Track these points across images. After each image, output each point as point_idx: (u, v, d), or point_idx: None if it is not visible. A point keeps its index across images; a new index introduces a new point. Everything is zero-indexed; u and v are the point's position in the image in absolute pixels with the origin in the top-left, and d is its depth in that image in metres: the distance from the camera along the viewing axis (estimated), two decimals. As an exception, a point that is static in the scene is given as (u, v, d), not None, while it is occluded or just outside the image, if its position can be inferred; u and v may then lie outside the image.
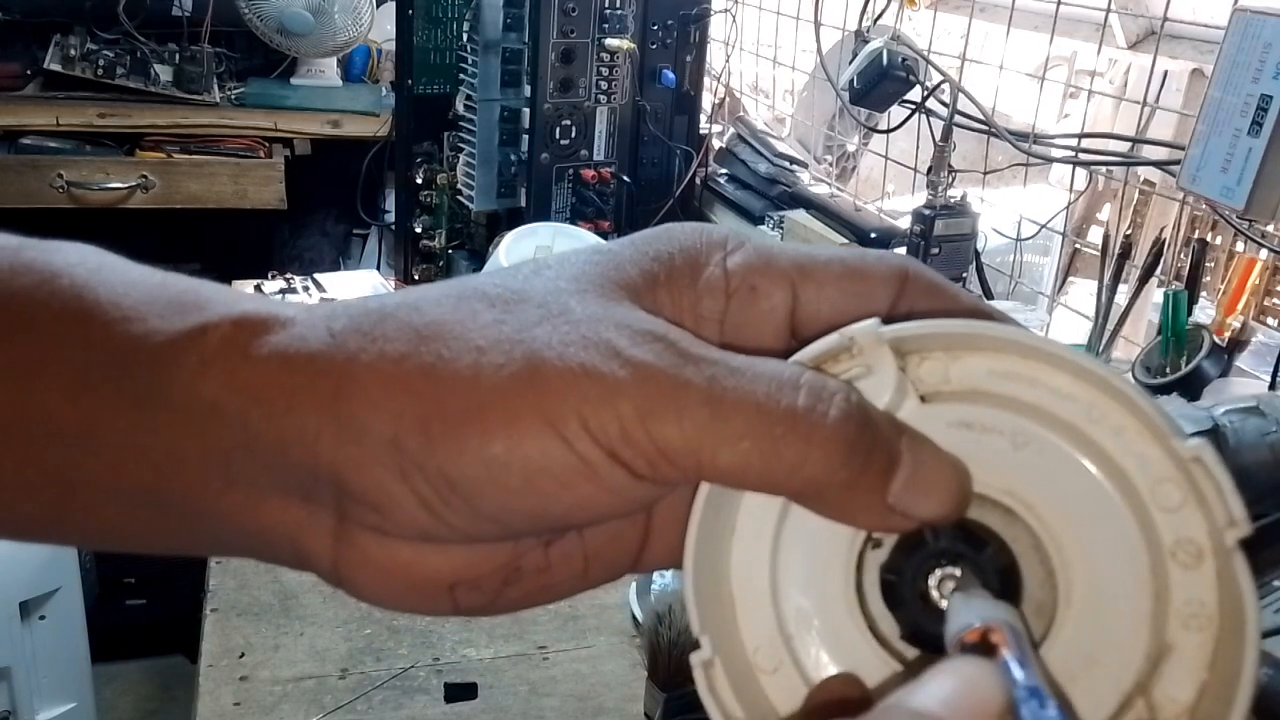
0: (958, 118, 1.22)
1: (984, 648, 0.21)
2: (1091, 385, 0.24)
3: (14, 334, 0.24)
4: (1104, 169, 1.20)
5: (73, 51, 2.11)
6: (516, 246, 1.35)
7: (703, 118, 1.78)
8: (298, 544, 0.25)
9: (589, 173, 1.61)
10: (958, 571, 0.25)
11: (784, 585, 0.26)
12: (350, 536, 0.25)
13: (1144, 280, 1.10)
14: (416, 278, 1.79)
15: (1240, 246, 1.07)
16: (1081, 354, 0.24)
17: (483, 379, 0.23)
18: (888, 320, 0.25)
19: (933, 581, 0.25)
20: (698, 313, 0.25)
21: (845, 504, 0.23)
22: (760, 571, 0.26)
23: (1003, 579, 0.25)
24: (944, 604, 0.25)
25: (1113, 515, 0.24)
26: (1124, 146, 1.15)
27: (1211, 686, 0.23)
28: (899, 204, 1.54)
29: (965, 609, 0.23)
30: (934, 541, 0.25)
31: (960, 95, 1.21)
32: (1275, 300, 1.15)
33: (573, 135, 1.59)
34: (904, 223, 1.34)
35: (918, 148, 1.39)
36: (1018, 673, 0.20)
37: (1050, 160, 1.21)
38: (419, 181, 1.76)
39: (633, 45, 1.58)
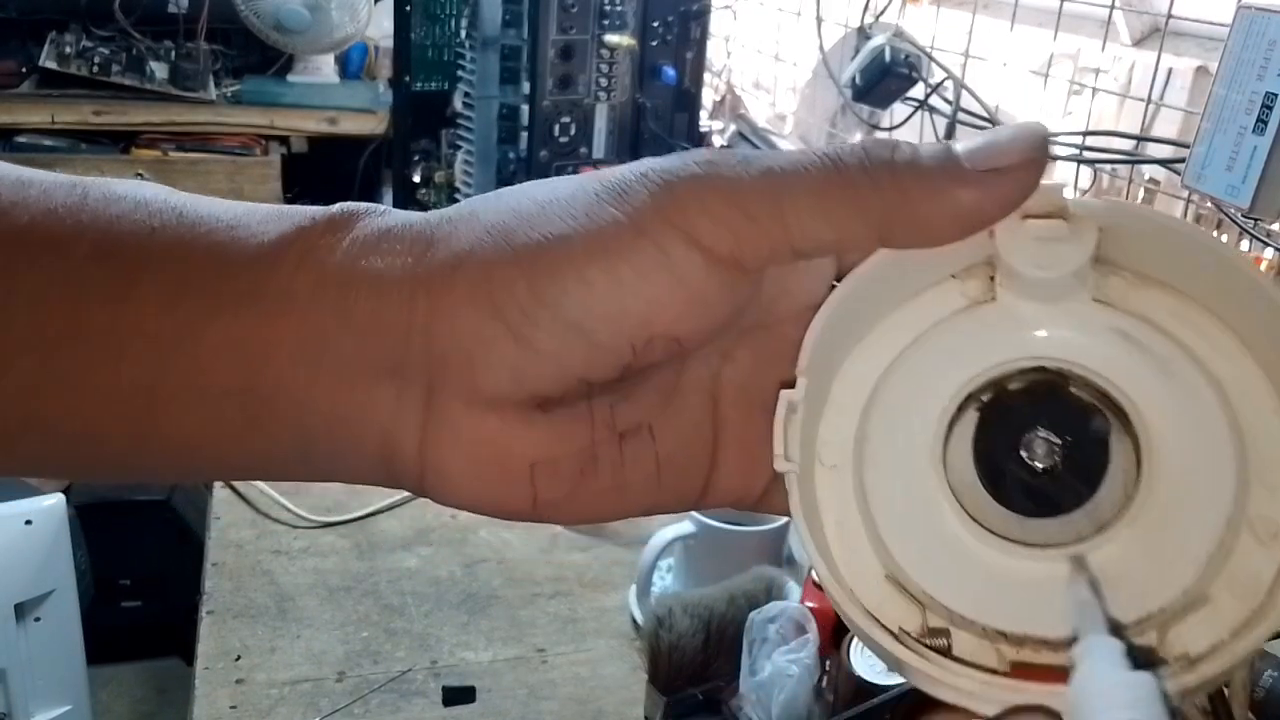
0: (961, 115, 1.21)
1: None
2: (1258, 364, 0.25)
3: (111, 253, 0.25)
4: (1108, 167, 1.19)
5: (68, 49, 2.10)
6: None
7: (703, 115, 1.77)
8: (385, 429, 0.26)
9: (588, 170, 1.60)
10: (1056, 439, 0.25)
11: (880, 402, 0.27)
12: (438, 412, 0.26)
13: (1149, 279, 1.09)
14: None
15: (1246, 245, 1.05)
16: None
17: (559, 200, 0.25)
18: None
19: (1024, 452, 0.25)
20: None
21: (930, 193, 0.24)
22: (863, 389, 0.27)
23: (1091, 472, 0.25)
24: (1039, 464, 0.25)
25: (1218, 467, 0.24)
26: (1128, 144, 1.14)
27: (1223, 649, 0.23)
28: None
29: (1104, 681, 0.21)
30: (1034, 407, 0.25)
31: (964, 92, 1.21)
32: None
33: (572, 133, 1.58)
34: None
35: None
36: None
37: (1054, 158, 1.20)
38: (416, 179, 1.75)
39: (633, 41, 1.57)
